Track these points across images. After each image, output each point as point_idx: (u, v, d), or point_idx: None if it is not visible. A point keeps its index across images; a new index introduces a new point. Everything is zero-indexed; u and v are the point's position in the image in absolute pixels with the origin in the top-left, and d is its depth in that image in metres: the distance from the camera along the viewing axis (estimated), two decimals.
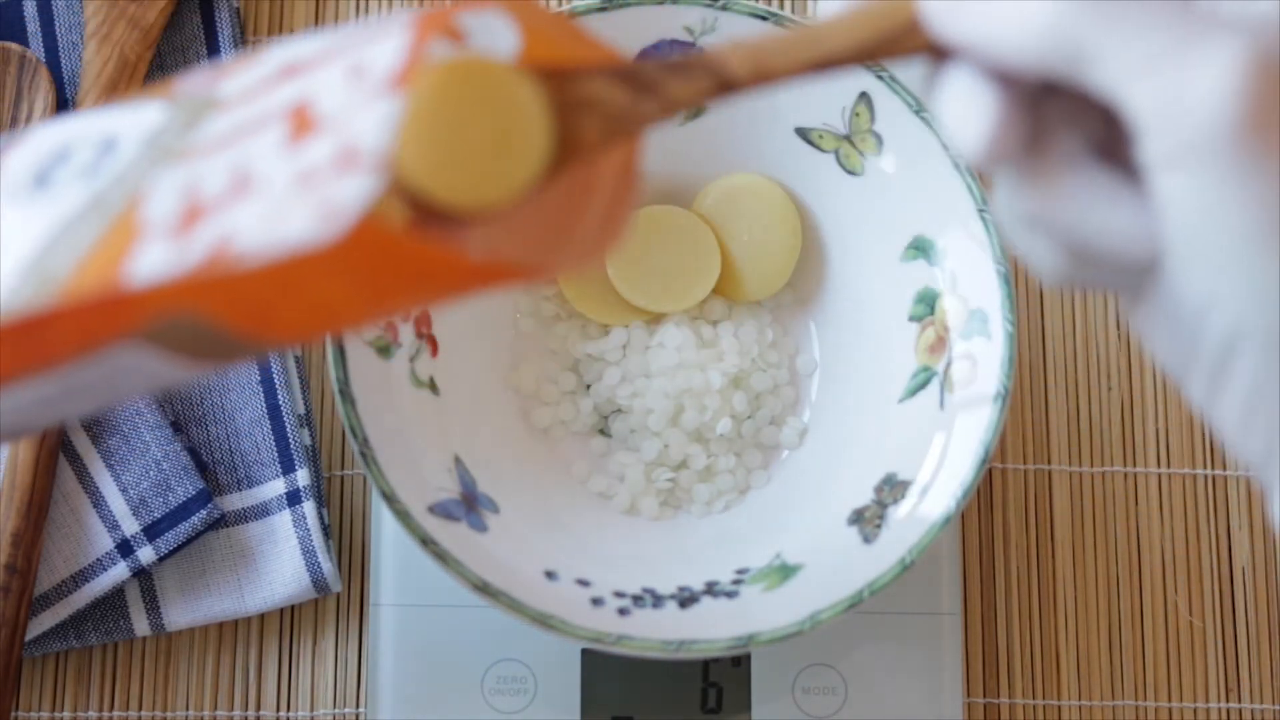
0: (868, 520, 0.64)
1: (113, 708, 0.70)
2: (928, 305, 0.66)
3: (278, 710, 0.70)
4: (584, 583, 0.64)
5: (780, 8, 0.77)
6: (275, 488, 0.70)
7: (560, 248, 0.44)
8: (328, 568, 0.69)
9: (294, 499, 0.70)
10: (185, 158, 0.40)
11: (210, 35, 0.75)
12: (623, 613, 0.63)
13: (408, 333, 0.66)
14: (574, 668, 0.68)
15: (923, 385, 0.66)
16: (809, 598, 0.62)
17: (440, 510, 0.63)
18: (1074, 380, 0.74)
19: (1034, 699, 0.71)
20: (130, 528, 0.68)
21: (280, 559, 0.69)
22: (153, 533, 0.68)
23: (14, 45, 0.72)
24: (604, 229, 0.45)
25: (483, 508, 0.65)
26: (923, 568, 0.69)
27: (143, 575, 0.69)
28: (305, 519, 0.69)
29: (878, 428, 0.67)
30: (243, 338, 0.39)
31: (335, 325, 0.41)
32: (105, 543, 0.68)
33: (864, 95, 0.67)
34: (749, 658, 0.68)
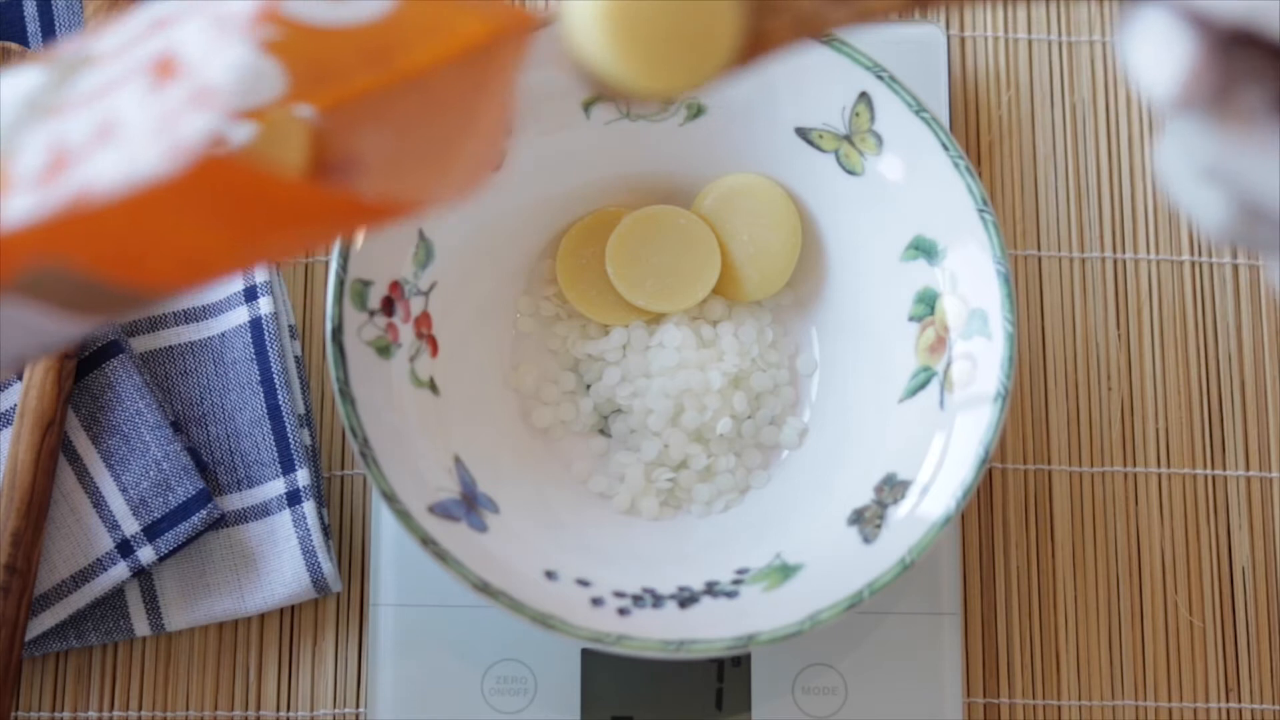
0: (868, 520, 0.64)
1: (113, 708, 0.70)
2: (928, 305, 0.67)
3: (278, 710, 0.70)
4: (584, 583, 0.64)
5: None
6: (275, 488, 0.70)
7: (437, 180, 0.43)
8: (328, 568, 0.69)
9: (294, 499, 0.70)
10: (55, 113, 0.40)
11: None
12: (623, 613, 0.63)
13: (408, 333, 0.66)
14: (574, 668, 0.68)
15: (923, 385, 0.66)
16: (809, 598, 0.62)
17: (440, 510, 0.63)
18: (1074, 380, 0.74)
19: (1034, 699, 0.71)
20: (130, 528, 0.68)
21: (280, 559, 0.69)
22: (153, 533, 0.68)
23: (13, 45, 0.72)
24: (480, 161, 0.44)
25: (483, 508, 0.65)
26: (923, 568, 0.69)
27: (143, 575, 0.69)
28: (305, 519, 0.69)
29: (878, 428, 0.67)
30: (118, 287, 0.39)
31: (210, 271, 0.40)
32: (105, 543, 0.68)
33: (864, 95, 0.67)
34: (749, 658, 0.68)
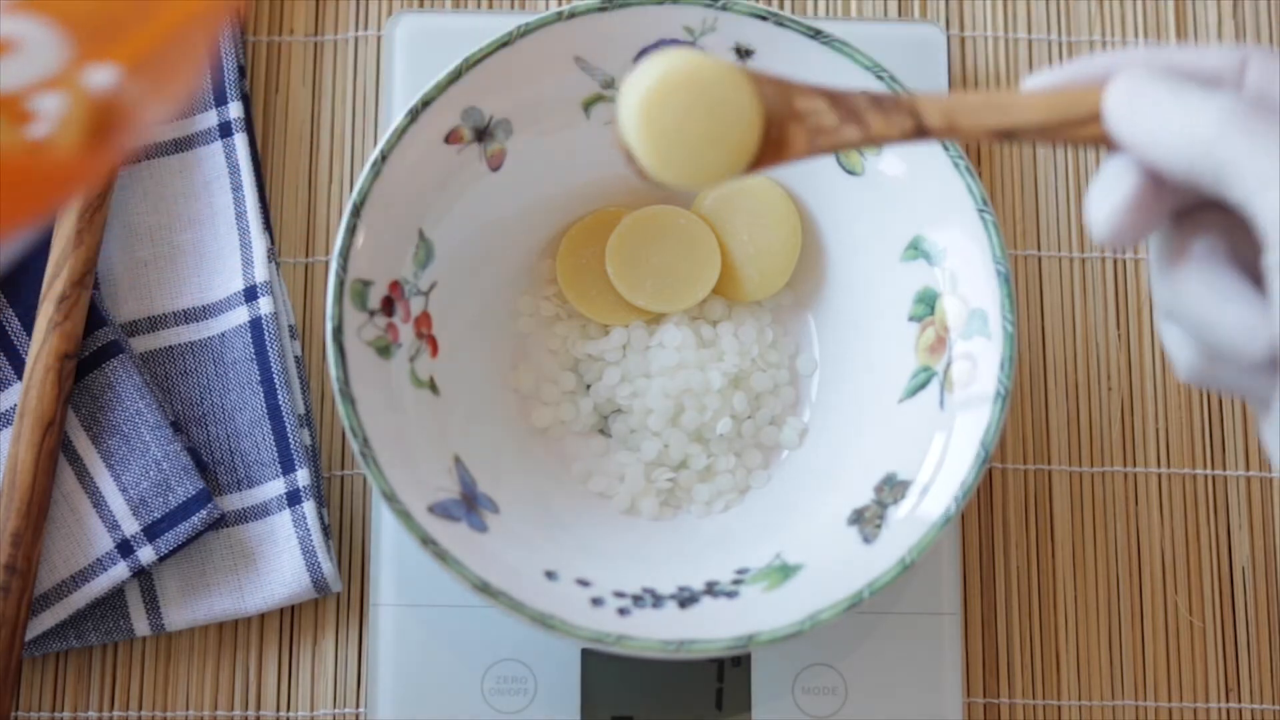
0: (868, 520, 0.64)
1: (113, 708, 0.70)
2: (928, 305, 0.67)
3: (278, 710, 0.70)
4: (584, 583, 0.64)
5: (780, 7, 0.77)
6: (275, 488, 0.70)
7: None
8: (328, 568, 0.69)
9: (294, 499, 0.70)
10: None
11: None
12: (623, 613, 0.63)
13: (408, 333, 0.66)
14: (574, 668, 0.68)
15: (923, 385, 0.66)
16: (809, 598, 0.62)
17: (440, 510, 0.63)
18: (1074, 380, 0.74)
19: (1034, 699, 0.71)
20: (130, 528, 0.68)
21: (280, 559, 0.69)
22: (153, 533, 0.68)
23: None
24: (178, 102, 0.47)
25: (483, 508, 0.65)
26: (923, 568, 0.69)
27: (143, 575, 0.69)
28: (305, 519, 0.69)
29: (878, 428, 0.67)
30: None
31: None
32: (105, 543, 0.68)
33: None
34: (749, 658, 0.68)
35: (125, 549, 0.68)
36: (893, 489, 0.65)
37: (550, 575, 0.64)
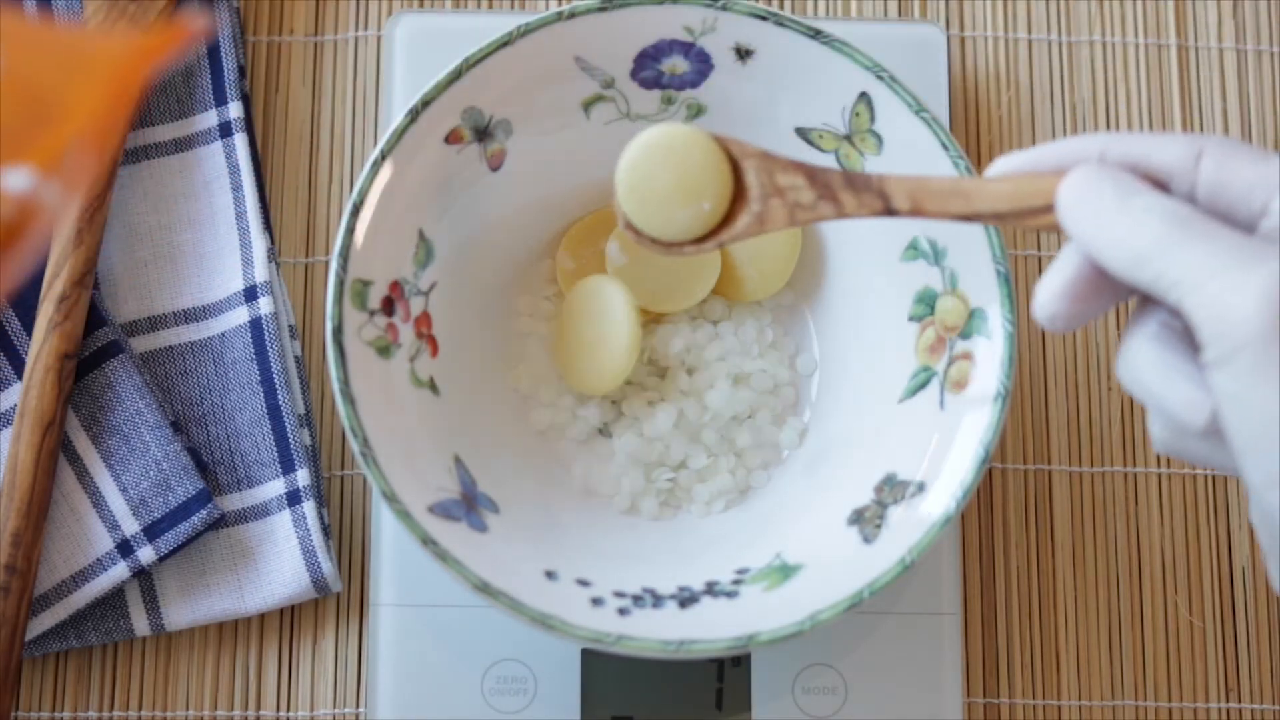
0: (868, 520, 0.64)
1: (113, 708, 0.70)
2: (928, 305, 0.67)
3: (278, 710, 0.70)
4: (584, 583, 0.64)
5: (780, 7, 0.77)
6: (275, 488, 0.70)
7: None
8: (328, 568, 0.69)
9: (294, 499, 0.70)
10: None
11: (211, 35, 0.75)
12: (623, 613, 0.63)
13: (408, 333, 0.66)
14: (574, 668, 0.68)
15: (923, 385, 0.66)
16: (809, 598, 0.62)
17: (440, 510, 0.63)
18: (1074, 380, 0.74)
19: (1034, 699, 0.71)
20: (130, 528, 0.68)
21: (280, 559, 0.69)
22: (153, 533, 0.68)
23: None
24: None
25: (483, 508, 0.65)
26: (923, 568, 0.69)
27: (143, 575, 0.69)
28: (305, 519, 0.69)
29: (878, 428, 0.67)
30: None
31: None
32: (105, 543, 0.68)
33: (864, 95, 0.66)
34: (749, 658, 0.68)
35: (125, 549, 0.68)
36: (893, 489, 0.65)
37: (550, 575, 0.64)
